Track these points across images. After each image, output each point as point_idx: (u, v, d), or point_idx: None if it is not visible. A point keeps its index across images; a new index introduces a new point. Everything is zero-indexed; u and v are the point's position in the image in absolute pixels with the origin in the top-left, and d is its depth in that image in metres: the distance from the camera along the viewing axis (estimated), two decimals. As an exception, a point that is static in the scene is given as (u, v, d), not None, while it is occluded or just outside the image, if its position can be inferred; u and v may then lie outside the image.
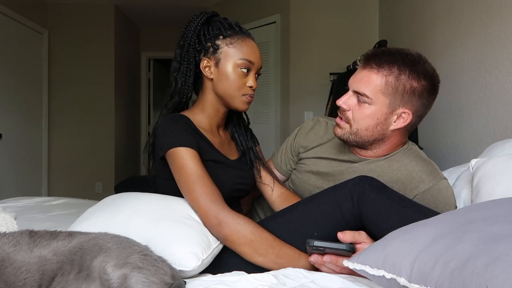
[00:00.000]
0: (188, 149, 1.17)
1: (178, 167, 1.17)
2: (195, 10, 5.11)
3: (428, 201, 1.21)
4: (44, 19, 4.86)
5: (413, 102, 1.20)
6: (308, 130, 1.48)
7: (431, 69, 1.21)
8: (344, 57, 3.63)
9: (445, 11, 2.49)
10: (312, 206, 1.13)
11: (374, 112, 1.22)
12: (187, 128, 1.22)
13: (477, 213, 0.80)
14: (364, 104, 1.22)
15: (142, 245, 0.93)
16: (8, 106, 4.13)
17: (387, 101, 1.20)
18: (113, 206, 1.16)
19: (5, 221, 1.36)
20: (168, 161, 1.21)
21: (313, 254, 1.04)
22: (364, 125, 1.24)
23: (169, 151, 1.18)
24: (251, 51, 1.26)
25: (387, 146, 1.29)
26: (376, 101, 1.20)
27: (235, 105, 1.29)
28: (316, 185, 1.37)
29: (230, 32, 1.26)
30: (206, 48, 1.27)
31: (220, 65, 1.26)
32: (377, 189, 1.08)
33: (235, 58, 1.25)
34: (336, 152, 1.37)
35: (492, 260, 0.62)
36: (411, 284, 0.72)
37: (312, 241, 1.01)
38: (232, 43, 1.25)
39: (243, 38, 1.27)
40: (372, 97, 1.20)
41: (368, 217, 1.07)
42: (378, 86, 1.19)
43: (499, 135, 1.93)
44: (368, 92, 1.20)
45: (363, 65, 1.23)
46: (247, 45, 1.26)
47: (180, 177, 1.17)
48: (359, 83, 1.22)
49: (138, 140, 6.16)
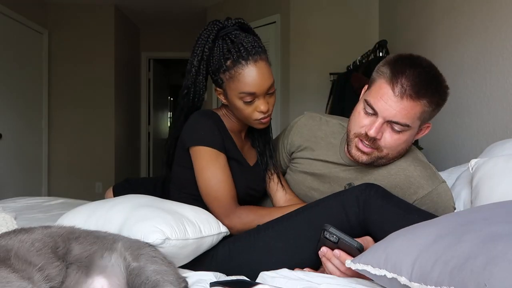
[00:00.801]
0: (214, 151, 1.23)
1: (199, 167, 1.24)
2: (195, 10, 5.12)
3: (428, 206, 1.21)
4: (44, 19, 4.86)
5: (432, 116, 1.21)
6: (301, 127, 1.43)
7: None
8: (344, 57, 3.63)
9: (445, 11, 2.49)
10: (318, 210, 1.14)
11: (409, 137, 1.19)
12: (217, 127, 1.26)
13: (478, 214, 0.81)
14: (399, 132, 1.16)
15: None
16: (8, 106, 4.13)
17: (419, 123, 1.18)
18: (109, 201, 1.19)
19: (5, 221, 1.36)
20: (192, 155, 1.26)
21: (323, 246, 1.04)
22: (398, 149, 1.20)
23: (195, 147, 1.24)
24: (251, 80, 1.21)
25: (397, 158, 1.27)
26: (412, 127, 1.17)
27: (251, 125, 1.32)
28: (312, 186, 1.36)
29: (229, 62, 1.22)
30: (214, 79, 1.29)
31: (228, 97, 1.27)
32: (383, 196, 1.09)
33: (236, 92, 1.23)
34: (331, 154, 1.35)
35: (491, 259, 0.63)
36: (412, 283, 0.73)
37: (329, 226, 1.02)
38: (231, 77, 1.22)
39: (241, 67, 1.21)
40: (411, 125, 1.15)
41: (375, 223, 1.08)
42: (416, 114, 1.14)
43: (499, 135, 1.93)
44: (409, 121, 1.14)
45: (400, 92, 1.11)
46: (245, 76, 1.21)
47: (199, 177, 1.25)
48: (398, 113, 1.13)
49: (138, 140, 6.16)
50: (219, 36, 1.26)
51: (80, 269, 0.83)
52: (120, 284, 0.85)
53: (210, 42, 1.25)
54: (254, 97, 1.23)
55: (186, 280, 0.93)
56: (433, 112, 1.19)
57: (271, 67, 1.27)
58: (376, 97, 1.15)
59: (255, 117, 1.26)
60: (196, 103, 1.32)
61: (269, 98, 1.26)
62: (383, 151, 1.19)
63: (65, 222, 1.08)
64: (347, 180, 1.30)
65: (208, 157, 1.23)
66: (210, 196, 1.24)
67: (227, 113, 1.35)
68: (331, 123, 1.42)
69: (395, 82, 1.12)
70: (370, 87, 1.20)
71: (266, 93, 1.24)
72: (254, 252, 1.15)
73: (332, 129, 1.40)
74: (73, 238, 0.88)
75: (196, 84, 1.29)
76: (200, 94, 1.31)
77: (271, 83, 1.24)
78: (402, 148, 1.21)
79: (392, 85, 1.12)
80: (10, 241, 0.79)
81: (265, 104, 1.24)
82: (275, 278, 0.98)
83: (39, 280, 0.73)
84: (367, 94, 1.20)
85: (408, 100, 1.11)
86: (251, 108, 1.25)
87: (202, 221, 1.13)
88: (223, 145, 1.25)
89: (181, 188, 1.33)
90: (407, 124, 1.14)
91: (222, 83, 1.26)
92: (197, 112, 1.29)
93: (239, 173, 1.31)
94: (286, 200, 1.40)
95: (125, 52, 5.53)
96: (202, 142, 1.23)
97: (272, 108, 1.28)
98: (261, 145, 1.42)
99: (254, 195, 1.39)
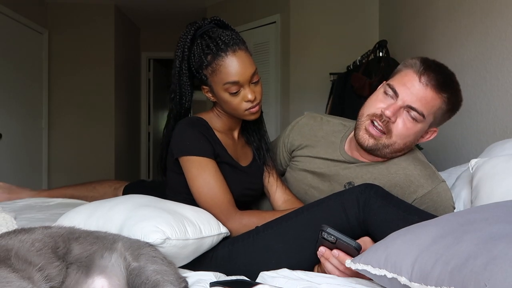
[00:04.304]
0: (202, 158, 1.24)
1: (191, 176, 1.25)
2: (195, 10, 5.12)
3: (427, 205, 1.21)
4: (44, 19, 4.85)
5: (442, 122, 1.25)
6: (302, 126, 1.45)
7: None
8: (344, 57, 3.63)
9: (445, 11, 2.49)
10: (318, 211, 1.14)
11: (420, 130, 1.21)
12: (204, 133, 1.27)
13: (478, 214, 0.81)
14: (412, 121, 1.18)
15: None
16: (8, 106, 4.12)
17: (431, 121, 1.21)
18: (109, 201, 1.18)
19: (5, 221, 1.36)
20: (182, 165, 1.27)
21: (321, 246, 1.04)
22: (404, 140, 1.21)
23: (183, 157, 1.25)
24: (232, 70, 1.23)
25: (398, 154, 1.28)
26: (426, 120, 1.19)
27: (242, 118, 1.33)
28: (311, 184, 1.37)
29: (209, 57, 1.24)
30: (199, 78, 1.30)
31: (214, 92, 1.29)
32: (382, 196, 1.09)
33: (221, 85, 1.25)
34: (331, 151, 1.36)
35: (491, 259, 0.63)
36: (412, 283, 0.73)
37: (327, 227, 1.02)
38: (214, 71, 1.25)
39: (221, 59, 1.23)
40: (426, 117, 1.18)
41: (375, 223, 1.08)
42: (434, 107, 1.18)
43: (499, 135, 1.93)
44: (426, 112, 1.17)
45: (426, 80, 1.16)
46: (227, 66, 1.23)
47: (192, 186, 1.25)
48: (418, 100, 1.16)
49: (138, 140, 6.16)
50: (197, 35, 1.29)
51: (80, 269, 0.83)
52: (120, 284, 0.85)
53: (189, 42, 1.28)
54: (239, 86, 1.25)
55: (186, 280, 0.93)
56: (446, 114, 1.22)
57: (252, 57, 1.29)
58: (400, 82, 1.19)
59: (244, 107, 1.27)
60: (184, 104, 1.33)
61: (255, 87, 1.28)
62: (392, 138, 1.20)
63: (65, 222, 1.08)
64: (347, 178, 1.30)
65: (198, 165, 1.24)
66: (207, 203, 1.24)
67: (218, 112, 1.36)
68: (332, 122, 1.43)
69: (422, 73, 1.17)
70: (394, 75, 1.24)
71: (250, 82, 1.26)
72: (254, 253, 1.15)
73: (333, 128, 1.40)
74: (73, 238, 0.88)
75: (182, 85, 1.31)
76: (187, 95, 1.32)
77: (253, 70, 1.26)
78: (409, 141, 1.22)
79: (419, 75, 1.17)
80: (10, 241, 0.79)
81: (251, 93, 1.26)
82: (275, 278, 0.98)
83: (39, 280, 0.73)
84: (390, 80, 1.23)
85: (431, 90, 1.16)
86: (238, 98, 1.26)
87: (202, 222, 1.13)
88: (212, 151, 1.26)
89: (177, 194, 1.34)
90: (423, 114, 1.17)
91: (206, 79, 1.28)
92: (182, 121, 1.30)
93: (233, 176, 1.31)
94: (284, 200, 1.39)
95: (125, 52, 5.53)
96: (189, 152, 1.24)
97: (260, 97, 1.29)
98: (256, 139, 1.43)
99: (250, 195, 1.39)
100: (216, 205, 1.23)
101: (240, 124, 1.40)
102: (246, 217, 1.25)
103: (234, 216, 1.24)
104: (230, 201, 1.25)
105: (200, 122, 1.30)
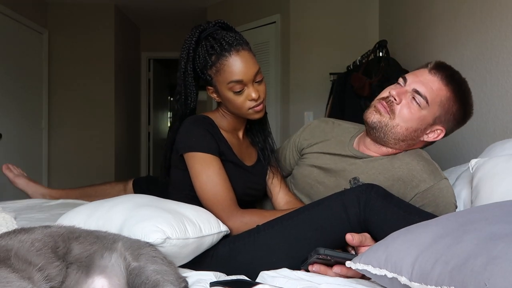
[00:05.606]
0: (207, 155, 1.25)
1: (195, 172, 1.26)
2: (195, 10, 5.12)
3: (429, 200, 1.21)
4: (44, 19, 4.85)
5: (449, 124, 1.28)
6: (313, 127, 1.50)
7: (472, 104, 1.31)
8: (344, 57, 3.63)
9: (445, 11, 2.49)
10: (319, 210, 1.14)
11: (422, 117, 1.25)
12: (209, 130, 1.29)
13: (478, 214, 0.81)
14: (416, 105, 1.24)
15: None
16: (8, 106, 4.12)
17: (437, 114, 1.25)
18: (109, 201, 1.18)
19: (5, 221, 1.36)
20: (186, 162, 1.28)
21: (315, 264, 1.04)
22: (406, 125, 1.25)
23: (188, 154, 1.26)
24: (236, 69, 1.26)
25: (403, 149, 1.31)
26: (430, 109, 1.24)
27: (247, 117, 1.35)
28: (317, 179, 1.38)
29: (214, 57, 1.27)
30: (203, 78, 1.32)
31: (219, 92, 1.31)
32: (383, 196, 1.10)
33: (225, 84, 1.27)
34: (340, 148, 1.39)
35: (492, 259, 0.63)
36: (412, 283, 0.73)
37: (323, 250, 0.99)
38: (218, 71, 1.27)
39: (225, 59, 1.26)
40: (430, 103, 1.23)
41: (375, 223, 1.09)
42: (439, 96, 1.24)
43: (499, 135, 1.93)
44: (429, 97, 1.23)
45: (435, 72, 1.25)
46: (230, 65, 1.26)
47: (196, 182, 1.27)
48: (424, 86, 1.24)
49: (138, 140, 6.16)
50: (202, 37, 1.31)
51: (80, 269, 0.83)
52: (120, 284, 0.85)
53: (194, 44, 1.31)
54: (243, 85, 1.27)
55: (186, 280, 0.93)
56: (454, 114, 1.26)
57: (255, 57, 1.31)
58: (412, 73, 1.30)
59: (248, 106, 1.29)
60: (189, 105, 1.35)
61: (258, 86, 1.30)
62: (395, 119, 1.25)
63: (65, 222, 1.08)
64: (353, 174, 1.31)
65: (202, 162, 1.25)
66: (209, 200, 1.25)
67: (223, 112, 1.37)
68: (344, 126, 1.48)
69: (433, 67, 1.27)
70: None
71: (254, 81, 1.28)
72: (254, 252, 1.15)
73: (344, 130, 1.46)
74: (73, 238, 0.88)
75: (187, 86, 1.33)
76: (192, 95, 1.34)
77: (256, 69, 1.29)
78: (411, 127, 1.25)
79: (429, 70, 1.27)
80: (10, 241, 0.79)
81: (255, 91, 1.28)
82: (275, 277, 0.98)
83: (39, 280, 0.73)
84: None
85: (438, 81, 1.24)
86: (242, 97, 1.28)
87: (202, 220, 1.13)
88: (217, 149, 1.28)
89: (180, 190, 1.34)
90: (427, 99, 1.22)
91: (211, 79, 1.30)
92: (188, 119, 1.32)
93: (236, 174, 1.32)
94: (286, 202, 1.40)
95: (125, 52, 5.53)
96: (194, 148, 1.26)
97: (263, 96, 1.31)
98: (261, 140, 1.45)
99: (253, 195, 1.40)
100: (218, 202, 1.24)
101: (244, 124, 1.42)
102: (247, 215, 1.25)
103: (235, 214, 1.24)
104: (232, 199, 1.26)
105: (206, 120, 1.32)
